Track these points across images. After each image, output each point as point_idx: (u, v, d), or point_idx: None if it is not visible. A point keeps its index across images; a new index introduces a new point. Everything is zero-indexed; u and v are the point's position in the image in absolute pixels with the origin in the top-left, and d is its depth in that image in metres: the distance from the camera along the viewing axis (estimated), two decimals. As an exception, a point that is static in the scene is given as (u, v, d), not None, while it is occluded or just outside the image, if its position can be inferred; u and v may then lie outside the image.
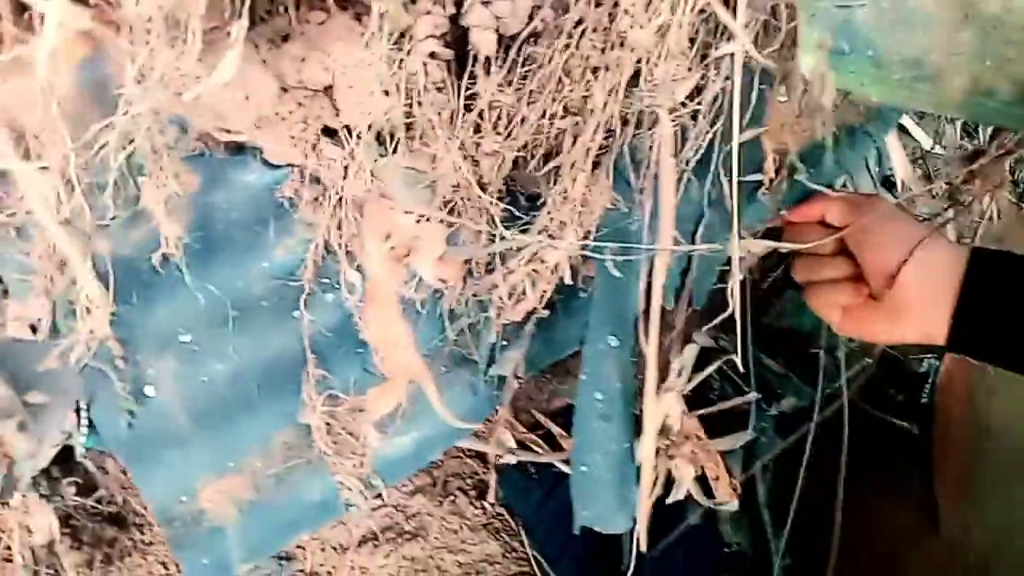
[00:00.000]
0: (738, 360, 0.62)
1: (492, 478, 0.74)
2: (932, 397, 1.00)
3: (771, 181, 0.69)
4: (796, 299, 0.98)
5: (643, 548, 0.59)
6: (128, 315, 0.57)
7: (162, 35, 0.44)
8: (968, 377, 1.03)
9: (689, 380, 0.64)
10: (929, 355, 1.05)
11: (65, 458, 0.59)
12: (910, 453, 0.98)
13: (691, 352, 0.65)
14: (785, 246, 0.61)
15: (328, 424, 0.59)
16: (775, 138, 0.77)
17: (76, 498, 0.68)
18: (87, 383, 0.57)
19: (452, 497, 0.78)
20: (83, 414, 0.56)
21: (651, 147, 0.59)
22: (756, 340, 0.90)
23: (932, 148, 1.03)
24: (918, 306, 0.69)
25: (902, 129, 1.05)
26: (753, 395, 0.80)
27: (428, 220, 0.46)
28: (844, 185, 0.97)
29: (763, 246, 0.57)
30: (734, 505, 0.70)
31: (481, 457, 0.81)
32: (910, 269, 0.69)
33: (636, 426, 0.59)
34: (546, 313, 0.64)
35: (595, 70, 0.55)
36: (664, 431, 0.64)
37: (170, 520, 0.57)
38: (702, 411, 0.80)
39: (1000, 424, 0.99)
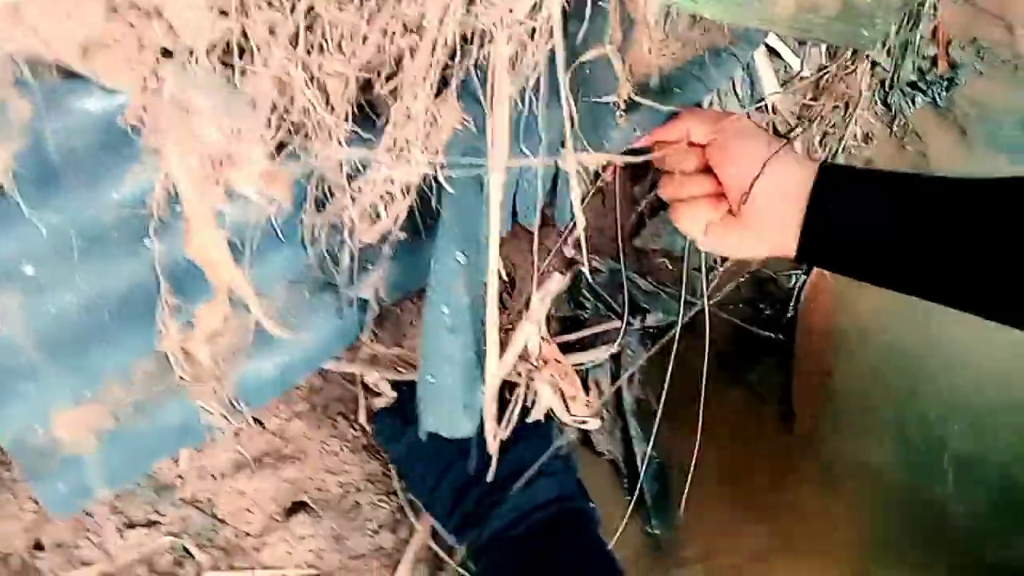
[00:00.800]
0: (586, 271, 0.66)
1: (361, 397, 0.75)
2: (797, 309, 1.07)
3: (624, 103, 0.71)
4: (668, 219, 1.03)
5: (493, 452, 0.62)
6: (-40, 249, 0.55)
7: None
8: (831, 289, 1.10)
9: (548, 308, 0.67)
10: (798, 271, 1.12)
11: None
12: (774, 361, 1.05)
13: (557, 283, 0.67)
14: (621, 159, 0.63)
15: (185, 351, 0.59)
16: (637, 60, 0.79)
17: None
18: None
19: (332, 421, 0.80)
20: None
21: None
22: (628, 259, 0.94)
23: (799, 70, 1.07)
24: (769, 221, 0.73)
25: (772, 51, 1.09)
26: (620, 323, 0.84)
27: (240, 133, 0.46)
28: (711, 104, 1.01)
29: (596, 159, 0.59)
30: (595, 424, 0.74)
31: (364, 383, 0.82)
32: (762, 185, 0.72)
33: (484, 337, 0.61)
34: (404, 236, 0.65)
35: (429, -14, 0.55)
36: (524, 356, 0.66)
37: (23, 451, 0.57)
38: (570, 336, 0.84)
39: (855, 332, 1.07)
